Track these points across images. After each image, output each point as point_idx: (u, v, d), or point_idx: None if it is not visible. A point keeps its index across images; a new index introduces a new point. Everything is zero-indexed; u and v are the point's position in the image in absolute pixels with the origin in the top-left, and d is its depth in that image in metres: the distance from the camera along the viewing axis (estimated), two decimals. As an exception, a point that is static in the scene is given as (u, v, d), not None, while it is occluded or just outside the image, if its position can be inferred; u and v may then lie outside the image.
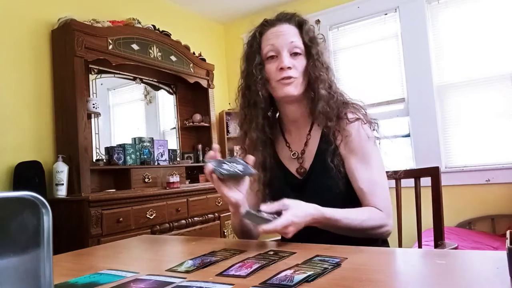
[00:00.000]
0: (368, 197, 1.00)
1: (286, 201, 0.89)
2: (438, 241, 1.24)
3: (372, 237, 0.96)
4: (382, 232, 0.98)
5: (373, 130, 1.06)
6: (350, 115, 1.04)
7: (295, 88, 1.05)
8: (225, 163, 0.94)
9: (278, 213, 0.87)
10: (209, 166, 0.91)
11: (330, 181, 1.03)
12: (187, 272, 0.70)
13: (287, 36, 1.04)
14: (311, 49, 1.05)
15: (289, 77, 1.04)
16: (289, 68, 1.03)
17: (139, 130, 3.17)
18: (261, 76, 1.07)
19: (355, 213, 0.96)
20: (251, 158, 1.00)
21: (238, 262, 0.73)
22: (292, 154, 1.13)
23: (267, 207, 0.88)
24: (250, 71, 1.10)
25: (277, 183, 1.13)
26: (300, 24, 1.08)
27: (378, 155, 1.05)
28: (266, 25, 1.09)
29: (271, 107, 1.16)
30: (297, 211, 0.87)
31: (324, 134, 1.07)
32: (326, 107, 1.04)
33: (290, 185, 1.11)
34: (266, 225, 0.84)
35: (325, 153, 1.05)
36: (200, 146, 3.52)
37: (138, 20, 3.00)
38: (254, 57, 1.09)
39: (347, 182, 1.03)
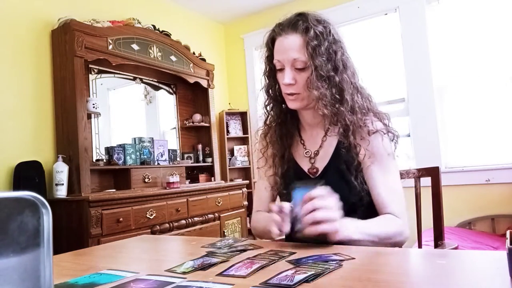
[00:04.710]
0: (387, 204, 1.00)
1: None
2: (438, 241, 1.24)
3: (390, 246, 0.93)
4: (401, 239, 0.96)
5: (392, 141, 1.06)
6: (370, 125, 1.04)
7: (300, 103, 1.06)
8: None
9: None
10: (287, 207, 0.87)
11: (344, 186, 1.02)
12: (187, 272, 0.70)
13: (290, 52, 1.02)
14: (314, 61, 1.01)
15: (292, 94, 1.05)
16: (291, 84, 1.03)
17: (137, 128, 3.17)
18: (277, 84, 1.11)
19: (379, 223, 0.95)
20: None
21: (238, 262, 0.73)
22: (306, 153, 1.13)
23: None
24: (268, 74, 1.13)
25: (288, 178, 1.13)
26: (306, 31, 1.03)
27: (395, 164, 1.06)
28: (276, 31, 1.07)
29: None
30: (346, 224, 0.85)
31: (342, 140, 1.06)
32: (335, 118, 1.03)
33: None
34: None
35: (342, 158, 1.05)
36: (200, 146, 3.52)
37: (138, 20, 3.00)
38: (270, 61, 1.10)
39: (361, 188, 1.02)
